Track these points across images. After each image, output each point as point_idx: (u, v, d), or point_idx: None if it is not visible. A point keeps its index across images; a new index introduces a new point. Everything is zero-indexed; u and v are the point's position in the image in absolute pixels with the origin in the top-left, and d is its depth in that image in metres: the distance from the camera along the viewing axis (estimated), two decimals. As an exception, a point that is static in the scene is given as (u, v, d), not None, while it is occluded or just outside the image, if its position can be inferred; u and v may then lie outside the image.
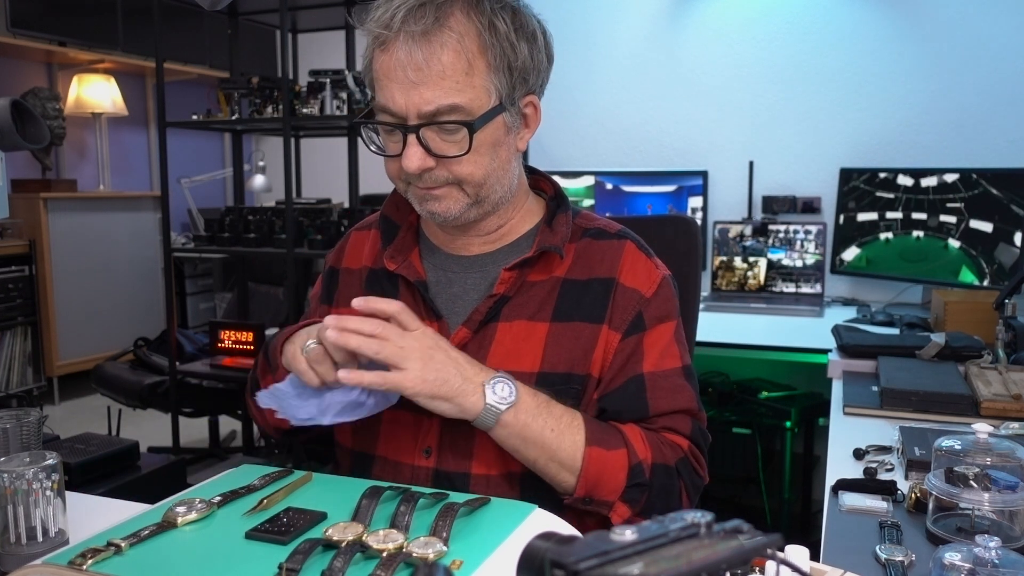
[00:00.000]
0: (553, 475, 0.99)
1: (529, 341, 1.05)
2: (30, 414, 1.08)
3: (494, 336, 1.05)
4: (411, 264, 1.11)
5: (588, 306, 1.06)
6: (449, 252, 1.13)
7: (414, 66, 0.94)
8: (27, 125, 1.09)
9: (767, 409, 2.57)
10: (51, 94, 4.39)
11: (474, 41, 0.96)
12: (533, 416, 0.97)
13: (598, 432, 1.01)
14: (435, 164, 0.99)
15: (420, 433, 1.05)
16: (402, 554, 0.75)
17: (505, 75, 0.99)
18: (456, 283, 1.10)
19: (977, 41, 2.72)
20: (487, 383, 0.95)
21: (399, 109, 0.96)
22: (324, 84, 2.76)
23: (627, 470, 0.99)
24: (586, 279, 1.07)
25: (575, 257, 1.09)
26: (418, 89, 0.95)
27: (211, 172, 4.84)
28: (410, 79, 0.95)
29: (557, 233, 1.08)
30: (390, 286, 1.12)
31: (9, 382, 4.03)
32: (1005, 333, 1.71)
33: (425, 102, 0.95)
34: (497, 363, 1.03)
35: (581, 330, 1.05)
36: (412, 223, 1.16)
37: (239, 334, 2.94)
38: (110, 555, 0.76)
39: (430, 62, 0.94)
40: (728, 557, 0.43)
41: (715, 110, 3.07)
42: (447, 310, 1.09)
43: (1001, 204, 2.37)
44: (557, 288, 1.07)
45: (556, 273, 1.08)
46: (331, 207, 3.13)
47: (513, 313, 1.06)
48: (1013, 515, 0.92)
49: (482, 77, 0.97)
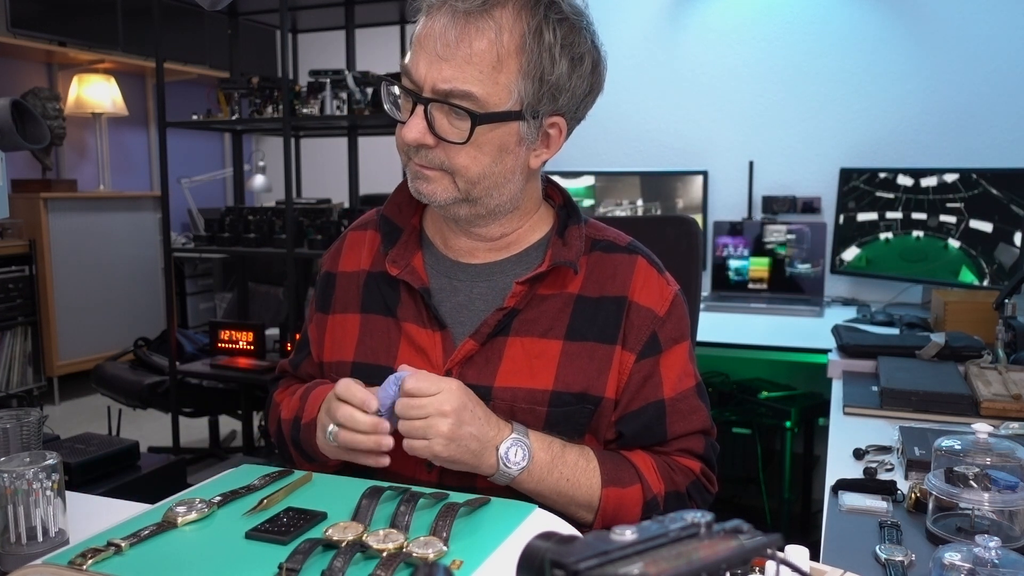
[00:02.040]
0: (571, 515, 1.00)
1: (542, 359, 1.02)
2: (30, 414, 1.08)
3: (503, 351, 1.03)
4: (414, 269, 1.07)
5: (601, 325, 1.04)
6: (455, 259, 1.09)
7: (444, 42, 0.93)
8: (27, 125, 1.09)
9: (767, 409, 2.57)
10: (51, 94, 4.39)
11: (514, 40, 0.94)
12: (548, 472, 0.98)
13: (612, 471, 1.01)
14: (434, 144, 0.97)
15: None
16: (402, 554, 0.75)
17: (535, 84, 0.96)
18: (462, 292, 1.07)
19: (977, 41, 2.72)
20: (500, 447, 0.96)
21: (418, 78, 0.95)
22: (324, 84, 2.76)
23: (642, 505, 1.01)
24: (598, 296, 1.05)
25: (587, 272, 1.06)
26: (440, 65, 0.94)
27: (211, 172, 4.84)
28: (437, 52, 0.94)
29: (571, 247, 1.05)
30: (391, 291, 1.09)
31: (9, 382, 4.03)
32: (1005, 333, 1.71)
33: (443, 80, 0.94)
34: (507, 378, 1.01)
35: (595, 350, 1.03)
36: (415, 226, 1.13)
37: (239, 334, 2.94)
38: (110, 555, 0.76)
39: (460, 43, 0.93)
40: (728, 557, 0.43)
41: (715, 110, 3.07)
42: (452, 319, 1.06)
43: (1001, 204, 2.37)
44: (571, 305, 1.04)
45: (569, 289, 1.05)
46: (331, 207, 3.13)
47: (524, 328, 1.03)
48: (1013, 515, 0.92)
49: (509, 77, 0.95)
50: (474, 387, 1.01)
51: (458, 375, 1.02)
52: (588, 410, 1.03)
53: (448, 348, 1.04)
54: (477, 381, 1.02)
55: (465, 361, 1.03)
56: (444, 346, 1.04)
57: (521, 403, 1.01)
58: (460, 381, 0.96)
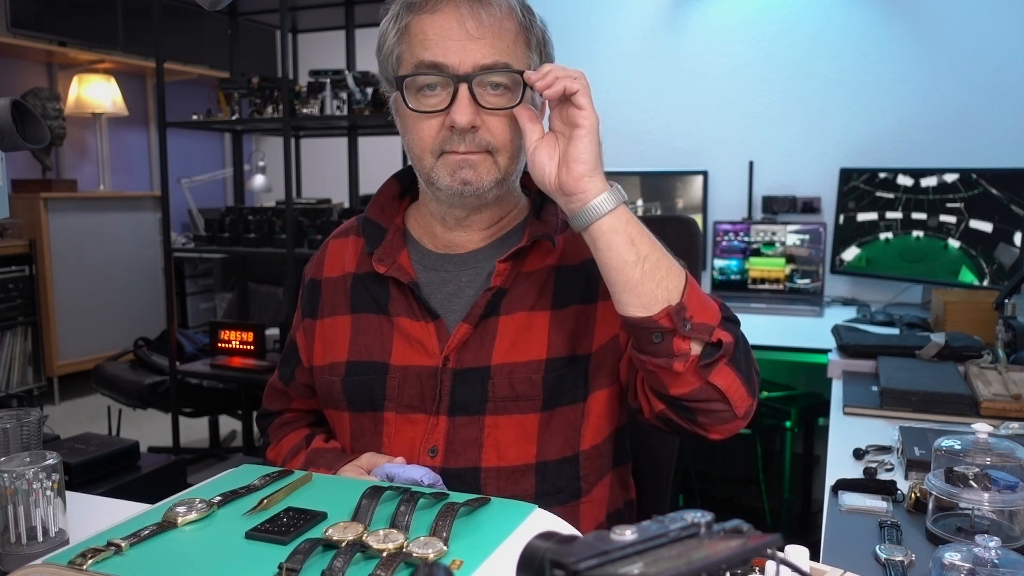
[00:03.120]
0: (661, 277, 0.92)
1: (532, 330, 1.05)
2: (30, 414, 1.08)
3: (496, 329, 1.05)
4: (401, 266, 1.09)
5: (583, 288, 1.07)
6: (441, 252, 1.11)
7: (475, 22, 0.97)
8: (27, 125, 1.09)
9: (767, 409, 2.57)
10: (51, 94, 4.39)
11: (518, 15, 1.01)
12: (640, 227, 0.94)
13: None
14: (481, 124, 0.98)
15: (425, 432, 1.04)
16: (402, 554, 0.75)
17: (538, 57, 1.03)
18: (450, 282, 1.09)
19: (977, 41, 2.72)
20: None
21: (452, 63, 0.97)
22: (324, 84, 2.76)
23: (719, 306, 0.97)
24: (579, 263, 1.07)
25: (566, 244, 1.09)
26: (477, 43, 0.97)
27: (211, 172, 4.85)
28: (470, 34, 0.97)
29: (548, 222, 1.08)
30: (379, 289, 1.10)
31: (9, 382, 4.04)
32: (1005, 333, 1.71)
33: (483, 55, 0.97)
34: (503, 355, 1.03)
35: (579, 312, 1.06)
36: (399, 226, 1.14)
37: (239, 334, 2.94)
38: (110, 555, 0.76)
39: (491, 20, 0.97)
40: (728, 557, 0.43)
41: (715, 110, 3.07)
42: (443, 309, 1.07)
43: (1001, 204, 2.37)
44: (552, 276, 1.07)
45: (549, 262, 1.08)
46: (331, 207, 3.13)
47: (513, 305, 1.05)
48: (1013, 515, 0.92)
49: (523, 50, 1.01)
50: (472, 369, 1.03)
51: (456, 360, 1.04)
52: (581, 368, 1.05)
53: (443, 336, 1.05)
54: (475, 363, 1.03)
55: (461, 346, 1.04)
56: (439, 335, 1.05)
57: (519, 375, 1.03)
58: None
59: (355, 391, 1.09)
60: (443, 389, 1.04)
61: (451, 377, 1.04)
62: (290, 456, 1.17)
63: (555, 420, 1.05)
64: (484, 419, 1.03)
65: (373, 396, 1.07)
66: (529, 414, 1.04)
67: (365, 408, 1.08)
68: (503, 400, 1.03)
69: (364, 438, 1.09)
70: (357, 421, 1.10)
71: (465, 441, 1.03)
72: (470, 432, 1.03)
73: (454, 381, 1.04)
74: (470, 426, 1.03)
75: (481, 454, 1.02)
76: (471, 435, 1.03)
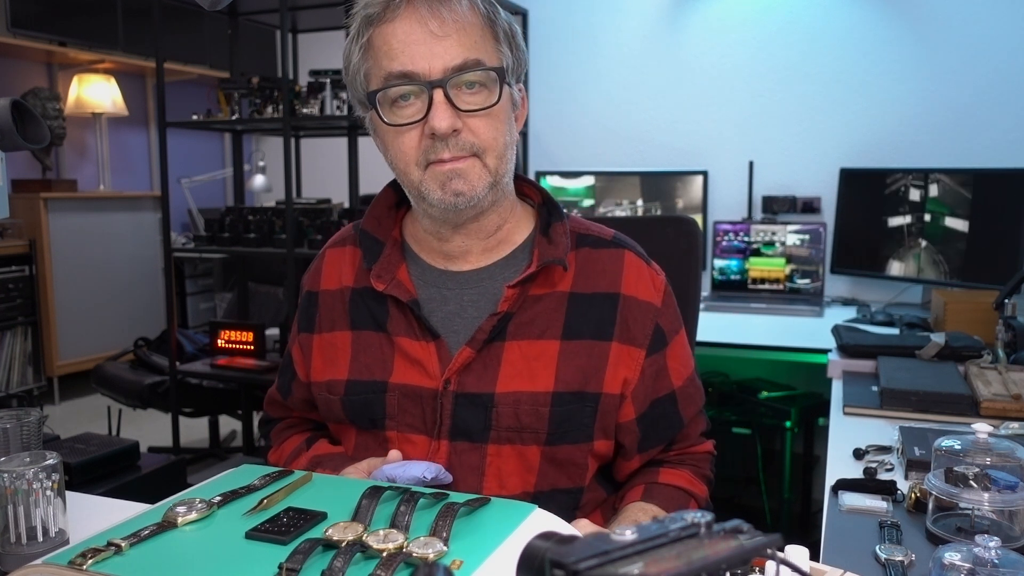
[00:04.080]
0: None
1: (540, 360, 1.01)
2: (30, 414, 1.08)
3: (501, 355, 1.01)
4: (400, 283, 1.05)
5: (596, 322, 1.03)
6: (443, 268, 1.07)
7: (437, 21, 0.93)
8: (27, 125, 1.09)
9: (767, 409, 2.57)
10: (51, 94, 4.39)
11: (481, 11, 0.97)
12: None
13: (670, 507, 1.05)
14: (462, 126, 0.96)
15: (427, 455, 1.02)
16: (402, 554, 0.75)
17: (508, 50, 0.99)
18: (452, 300, 1.05)
19: (977, 41, 2.72)
20: None
21: (422, 69, 0.94)
22: (324, 84, 2.76)
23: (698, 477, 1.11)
24: (590, 293, 1.04)
25: (577, 269, 1.05)
26: (442, 43, 0.93)
27: (211, 172, 4.84)
28: (434, 34, 0.93)
29: (558, 245, 1.04)
30: (378, 307, 1.06)
31: (9, 382, 4.04)
32: (1005, 333, 1.71)
33: (452, 56, 0.93)
34: (509, 384, 1.00)
35: (592, 348, 1.02)
36: (396, 239, 1.10)
37: (239, 334, 2.94)
38: (110, 555, 0.76)
39: (454, 17, 0.94)
40: (728, 557, 0.43)
41: (715, 110, 3.07)
42: (444, 329, 1.04)
43: (1001, 204, 2.37)
44: (564, 304, 1.03)
45: (560, 287, 1.04)
46: (331, 207, 3.13)
47: (519, 331, 1.02)
48: (1013, 515, 0.92)
49: (492, 44, 0.98)
50: (475, 395, 1.00)
51: (457, 384, 1.01)
52: (589, 408, 1.02)
53: (444, 358, 1.02)
54: (478, 388, 1.01)
55: (463, 369, 1.01)
56: (440, 356, 1.02)
57: (524, 406, 1.00)
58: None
59: (355, 410, 1.06)
60: (444, 412, 1.01)
61: (452, 400, 1.01)
62: (291, 459, 1.15)
63: (560, 456, 1.02)
64: (487, 447, 1.01)
65: (374, 415, 1.05)
66: (532, 446, 1.01)
67: (368, 426, 1.06)
68: (507, 430, 1.00)
69: (369, 453, 1.06)
70: (362, 437, 1.08)
71: (467, 467, 1.01)
72: (472, 459, 1.01)
73: (455, 405, 1.01)
74: (472, 452, 1.01)
75: (483, 482, 1.00)
76: (473, 462, 1.01)
